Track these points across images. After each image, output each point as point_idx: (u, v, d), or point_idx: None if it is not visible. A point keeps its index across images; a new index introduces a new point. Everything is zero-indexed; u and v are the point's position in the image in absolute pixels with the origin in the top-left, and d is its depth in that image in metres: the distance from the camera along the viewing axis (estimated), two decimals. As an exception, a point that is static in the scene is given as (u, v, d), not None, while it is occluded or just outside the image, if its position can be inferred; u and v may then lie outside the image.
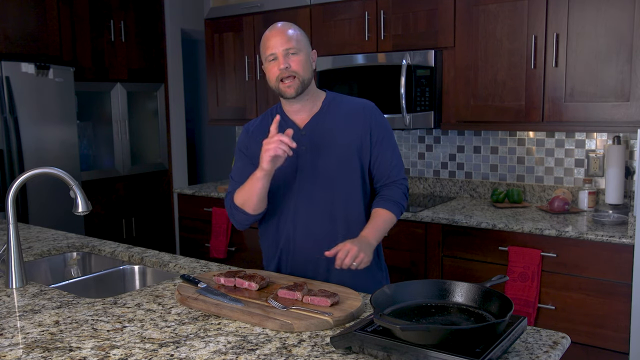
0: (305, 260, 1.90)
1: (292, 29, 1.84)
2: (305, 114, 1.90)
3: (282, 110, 1.93)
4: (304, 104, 1.89)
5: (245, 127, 2.01)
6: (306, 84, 1.83)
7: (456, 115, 3.11)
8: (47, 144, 3.92)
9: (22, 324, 1.53)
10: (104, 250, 2.32)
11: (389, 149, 1.92)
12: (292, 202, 1.89)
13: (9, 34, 3.81)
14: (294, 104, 1.88)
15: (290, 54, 1.80)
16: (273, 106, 1.99)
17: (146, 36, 4.70)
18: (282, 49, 1.79)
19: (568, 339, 1.38)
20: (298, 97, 1.84)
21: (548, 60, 2.80)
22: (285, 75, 1.79)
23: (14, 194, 1.82)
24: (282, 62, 1.79)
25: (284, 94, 1.83)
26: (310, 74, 1.85)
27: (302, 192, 1.87)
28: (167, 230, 4.94)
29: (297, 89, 1.81)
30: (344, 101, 1.95)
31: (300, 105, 1.88)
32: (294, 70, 1.80)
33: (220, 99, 4.14)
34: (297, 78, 1.80)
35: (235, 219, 1.91)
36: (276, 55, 1.80)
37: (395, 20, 3.24)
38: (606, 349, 2.50)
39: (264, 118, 1.98)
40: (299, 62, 1.81)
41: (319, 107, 1.91)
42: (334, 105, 1.92)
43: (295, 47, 1.80)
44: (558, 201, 2.89)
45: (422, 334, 1.18)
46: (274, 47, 1.81)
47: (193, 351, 1.33)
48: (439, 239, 2.89)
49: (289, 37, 1.81)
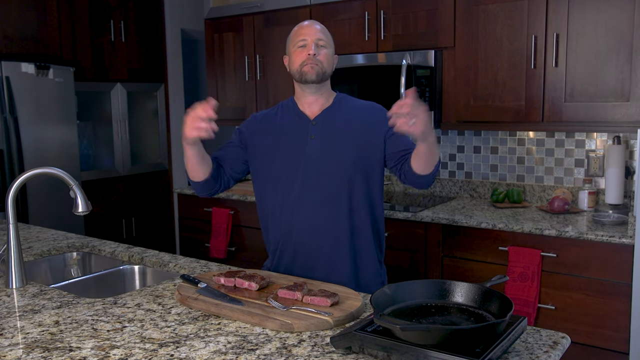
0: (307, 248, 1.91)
1: (323, 27, 1.95)
2: (317, 108, 1.95)
3: (295, 102, 1.99)
4: (318, 97, 1.94)
5: (252, 115, 2.08)
6: (326, 77, 1.92)
7: (456, 115, 3.11)
8: (47, 144, 3.92)
9: (22, 324, 1.53)
10: (104, 250, 2.32)
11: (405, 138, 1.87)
12: (295, 189, 1.90)
13: (9, 34, 3.81)
14: (308, 96, 1.93)
15: (320, 45, 1.89)
16: (284, 101, 2.05)
17: (146, 36, 4.70)
18: (315, 38, 1.88)
19: (568, 339, 1.38)
20: (315, 88, 1.90)
21: (548, 60, 2.80)
22: (312, 61, 1.86)
23: (14, 194, 1.82)
24: (312, 48, 1.86)
25: (305, 75, 1.88)
26: (331, 71, 1.94)
27: (307, 180, 1.89)
28: (167, 230, 4.94)
29: (318, 73, 1.87)
30: (355, 101, 2.02)
31: (314, 98, 1.94)
32: (320, 60, 1.88)
33: (220, 99, 4.14)
34: (320, 66, 1.88)
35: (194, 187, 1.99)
36: (307, 42, 1.88)
37: (395, 20, 3.24)
38: (606, 349, 2.50)
39: (272, 109, 2.05)
40: (326, 54, 1.90)
41: (330, 102, 1.97)
42: (345, 104, 1.98)
43: (325, 41, 1.90)
44: (558, 201, 2.89)
45: (422, 334, 1.18)
46: (306, 35, 1.89)
47: (193, 351, 1.33)
48: (439, 239, 2.89)
49: (322, 30, 1.92)
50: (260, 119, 2.02)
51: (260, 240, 3.55)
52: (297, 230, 1.91)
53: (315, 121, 1.93)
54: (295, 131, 1.94)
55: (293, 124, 1.95)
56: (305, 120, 1.94)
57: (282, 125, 1.96)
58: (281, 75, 3.76)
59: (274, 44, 3.77)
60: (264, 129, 1.99)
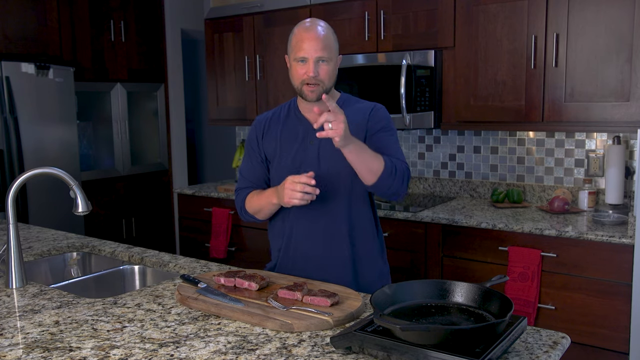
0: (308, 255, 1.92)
1: (326, 33, 1.83)
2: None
3: (297, 107, 1.96)
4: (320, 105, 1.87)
5: (256, 119, 2.04)
6: (328, 91, 1.86)
7: (456, 115, 3.11)
8: (47, 144, 3.92)
9: (22, 324, 1.53)
10: (104, 250, 2.32)
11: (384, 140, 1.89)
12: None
13: (9, 34, 3.81)
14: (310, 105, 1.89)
15: (321, 61, 1.81)
16: (287, 102, 2.02)
17: (146, 36, 4.70)
18: (315, 57, 1.79)
19: (568, 339, 1.38)
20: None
21: (548, 60, 2.80)
22: (312, 82, 1.81)
23: (14, 194, 1.82)
24: (312, 69, 1.79)
25: (305, 97, 1.85)
26: (334, 81, 1.88)
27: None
28: (167, 230, 4.94)
29: (319, 95, 1.82)
30: (356, 103, 1.97)
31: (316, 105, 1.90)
32: (321, 79, 1.81)
33: (220, 99, 4.14)
34: (321, 86, 1.82)
35: (244, 217, 2.04)
36: (307, 60, 1.80)
37: (395, 20, 3.24)
38: (606, 349, 2.50)
39: (275, 111, 2.02)
40: (327, 71, 1.82)
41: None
42: (347, 106, 1.92)
43: (327, 57, 1.81)
44: (558, 201, 2.89)
45: (422, 334, 1.18)
46: (307, 52, 1.80)
47: (193, 351, 1.33)
48: (439, 239, 2.89)
49: (323, 45, 1.80)
50: (264, 122, 2.01)
51: (260, 240, 3.56)
52: (298, 236, 1.92)
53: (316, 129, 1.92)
54: (296, 136, 1.93)
55: (294, 128, 1.94)
56: (306, 125, 1.92)
57: (283, 130, 1.96)
58: (281, 75, 3.76)
59: (274, 44, 3.77)
60: (268, 132, 1.98)
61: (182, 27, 4.96)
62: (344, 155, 1.81)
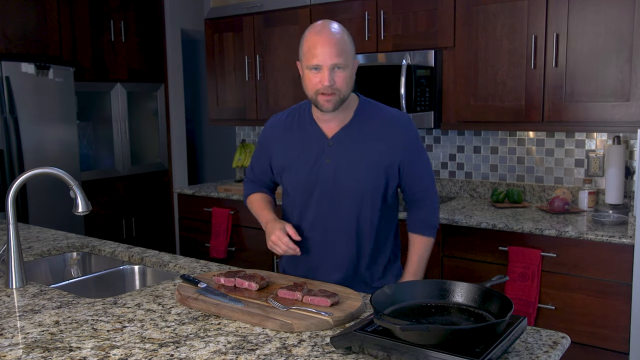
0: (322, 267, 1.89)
1: (341, 36, 1.69)
2: (335, 124, 1.80)
3: (312, 114, 1.84)
4: (336, 114, 1.78)
5: (269, 122, 1.95)
6: (345, 100, 1.73)
7: (456, 115, 3.11)
8: (47, 144, 3.92)
9: (22, 324, 1.53)
10: (104, 250, 2.32)
11: (419, 168, 1.85)
12: (310, 214, 1.86)
13: (9, 34, 3.81)
14: (326, 114, 1.78)
15: (336, 69, 1.67)
16: (301, 102, 1.90)
17: (146, 36, 4.70)
18: (330, 64, 1.66)
19: (568, 339, 1.38)
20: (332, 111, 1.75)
21: (548, 60, 2.80)
22: (328, 92, 1.68)
23: (14, 194, 1.82)
24: (327, 78, 1.66)
25: (321, 108, 1.72)
26: (352, 88, 1.75)
27: (321, 206, 1.83)
28: (167, 230, 4.94)
29: (335, 105, 1.71)
30: (377, 112, 1.83)
31: (331, 116, 1.78)
32: (337, 87, 1.68)
33: (220, 99, 4.14)
34: (337, 95, 1.69)
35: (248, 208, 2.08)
36: (321, 68, 1.67)
37: (395, 20, 3.24)
38: (606, 349, 2.50)
39: (289, 114, 1.91)
40: (344, 78, 1.68)
41: (350, 117, 1.80)
42: (367, 116, 1.81)
43: (343, 63, 1.67)
44: (558, 201, 2.89)
45: (422, 334, 1.18)
46: (321, 59, 1.65)
47: (193, 351, 1.33)
48: (439, 239, 2.88)
49: (339, 50, 1.66)
50: (276, 127, 1.91)
51: (260, 240, 3.56)
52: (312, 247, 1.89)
53: (332, 141, 1.79)
54: (309, 148, 1.82)
55: (309, 140, 1.82)
56: (322, 138, 1.80)
57: (297, 140, 1.85)
58: (281, 76, 3.76)
59: (274, 44, 3.77)
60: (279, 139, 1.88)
61: (182, 27, 4.96)
62: (360, 175, 1.78)
